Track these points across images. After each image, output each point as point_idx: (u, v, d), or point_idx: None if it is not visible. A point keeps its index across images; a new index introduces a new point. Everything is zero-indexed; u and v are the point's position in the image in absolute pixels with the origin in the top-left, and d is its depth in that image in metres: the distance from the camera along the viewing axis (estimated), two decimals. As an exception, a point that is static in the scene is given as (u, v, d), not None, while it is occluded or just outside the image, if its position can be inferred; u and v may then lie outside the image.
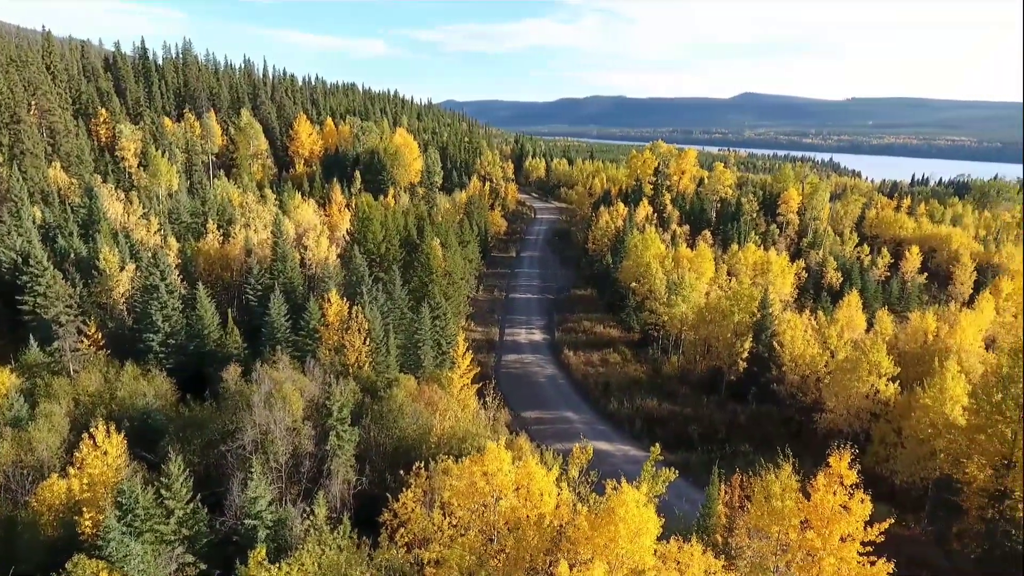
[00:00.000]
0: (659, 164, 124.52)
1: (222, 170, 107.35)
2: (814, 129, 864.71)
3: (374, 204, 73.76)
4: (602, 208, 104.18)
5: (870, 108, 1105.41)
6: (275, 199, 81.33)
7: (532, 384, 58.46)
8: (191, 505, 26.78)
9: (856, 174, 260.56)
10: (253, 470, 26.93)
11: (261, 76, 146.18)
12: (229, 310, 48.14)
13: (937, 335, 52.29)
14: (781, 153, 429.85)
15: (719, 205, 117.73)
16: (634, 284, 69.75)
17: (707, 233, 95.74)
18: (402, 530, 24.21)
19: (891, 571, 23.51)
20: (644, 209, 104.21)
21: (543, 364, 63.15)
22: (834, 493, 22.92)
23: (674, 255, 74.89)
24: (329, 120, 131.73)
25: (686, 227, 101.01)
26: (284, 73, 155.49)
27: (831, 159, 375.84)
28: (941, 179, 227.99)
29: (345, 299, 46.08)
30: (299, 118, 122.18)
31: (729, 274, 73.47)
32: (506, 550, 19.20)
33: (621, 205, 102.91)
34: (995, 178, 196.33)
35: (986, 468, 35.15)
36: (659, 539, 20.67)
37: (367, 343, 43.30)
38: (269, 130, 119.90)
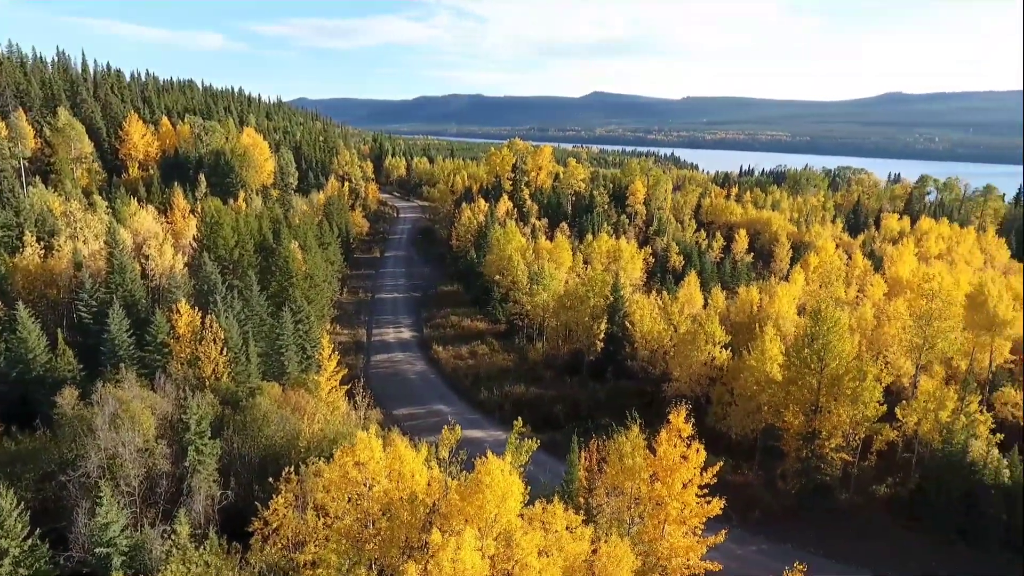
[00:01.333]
0: (517, 161, 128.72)
1: (37, 176, 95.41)
2: (657, 126, 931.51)
3: (223, 208, 69.61)
4: (464, 205, 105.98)
5: (703, 107, 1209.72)
6: (106, 207, 73.97)
7: (403, 382, 58.71)
8: (28, 542, 24.41)
9: (694, 167, 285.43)
10: (101, 496, 25.09)
11: (80, 71, 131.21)
12: (59, 330, 43.62)
13: (761, 306, 59.53)
14: (628, 149, 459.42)
15: (574, 198, 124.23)
16: (498, 277, 72.11)
17: (564, 225, 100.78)
18: (275, 537, 23.89)
19: (723, 506, 27.12)
20: (504, 204, 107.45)
21: (413, 361, 63.54)
22: (674, 446, 25.98)
23: (534, 247, 78.36)
24: (165, 120, 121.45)
25: (544, 220, 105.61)
26: (108, 68, 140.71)
27: (672, 154, 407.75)
28: (763, 170, 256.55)
29: (197, 309, 43.54)
30: (130, 117, 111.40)
31: (585, 262, 78.18)
32: (381, 532, 19.82)
33: (482, 201, 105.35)
34: (805, 168, 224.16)
35: (799, 415, 41.06)
36: (527, 506, 22.34)
37: (224, 353, 41.31)
38: (94, 131, 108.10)
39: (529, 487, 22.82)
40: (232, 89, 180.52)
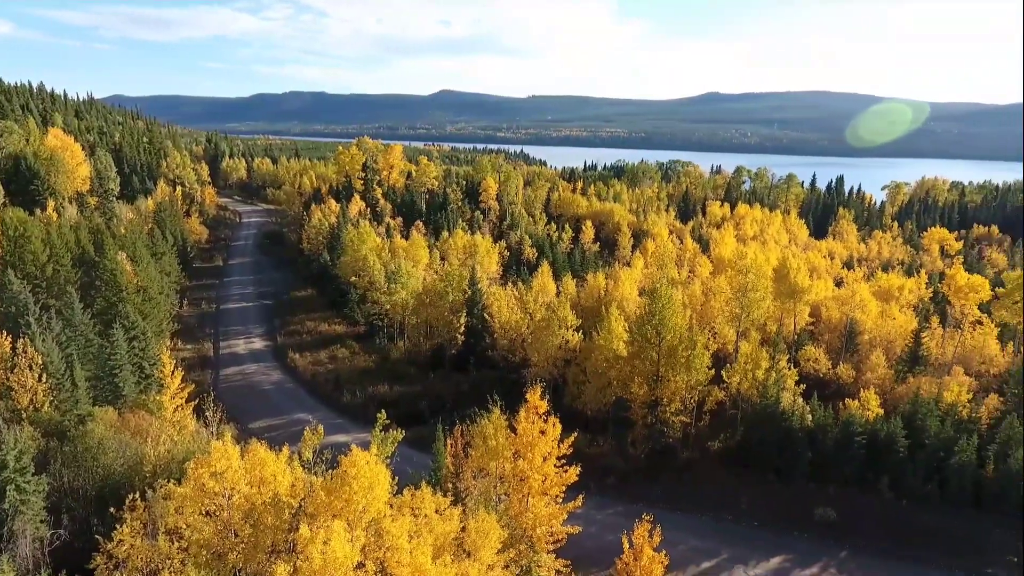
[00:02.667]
0: (367, 160, 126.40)
1: None
2: (505, 124, 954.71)
3: (29, 220, 61.45)
4: (314, 206, 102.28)
5: (548, 105, 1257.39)
6: None
7: (258, 393, 55.94)
8: None
9: (542, 163, 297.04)
10: None
11: None
12: None
13: (607, 290, 64.17)
14: (479, 146, 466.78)
15: (428, 196, 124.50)
16: (354, 278, 70.80)
17: (419, 223, 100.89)
18: (123, 570, 22.21)
19: (581, 475, 29.43)
20: (357, 204, 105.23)
21: (268, 372, 60.69)
22: (533, 422, 27.73)
23: (390, 246, 77.83)
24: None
25: (399, 219, 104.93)
26: None
27: (521, 151, 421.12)
28: (605, 164, 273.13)
29: (5, 334, 38.47)
30: None
31: (442, 259, 79.08)
32: (245, 540, 19.27)
33: (333, 202, 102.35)
34: (642, 162, 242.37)
35: (643, 385, 45.13)
36: (396, 496, 22.80)
37: (44, 380, 36.98)
38: None
39: (397, 479, 23.30)
40: (29, 84, 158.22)
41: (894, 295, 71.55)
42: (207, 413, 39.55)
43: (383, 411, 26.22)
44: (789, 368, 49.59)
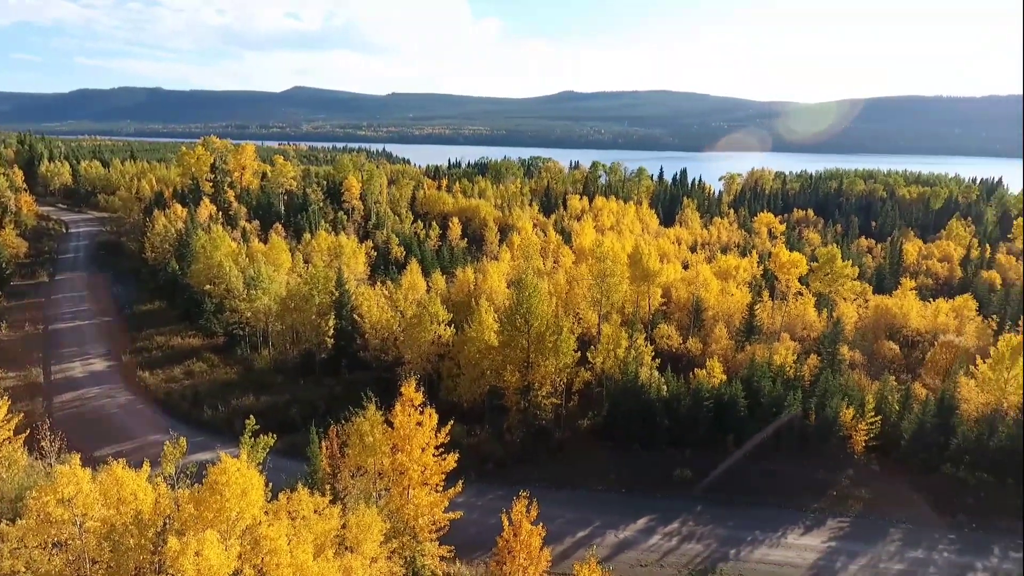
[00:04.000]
0: (216, 161, 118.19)
1: None
2: (366, 122, 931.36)
3: None
4: (157, 212, 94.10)
5: (409, 103, 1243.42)
6: None
7: (103, 418, 50.91)
8: None
9: (406, 161, 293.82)
10: None
11: None
12: None
13: (476, 284, 65.50)
14: (339, 145, 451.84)
15: (286, 198, 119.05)
16: (209, 287, 66.39)
17: (278, 226, 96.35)
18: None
19: (461, 463, 30.27)
20: (207, 208, 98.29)
21: (113, 393, 55.37)
22: (409, 415, 28.09)
23: (248, 251, 73.76)
24: None
25: (256, 222, 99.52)
26: None
27: (384, 149, 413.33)
28: (469, 162, 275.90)
29: None
30: None
31: (306, 261, 76.28)
32: (104, 565, 17.88)
33: (179, 206, 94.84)
34: (504, 159, 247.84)
35: (515, 372, 46.86)
36: (271, 502, 22.17)
37: None
38: None
39: (271, 485, 22.67)
40: None
41: (732, 274, 79.67)
42: (42, 443, 35.59)
43: (251, 417, 25.23)
44: (646, 345, 53.76)
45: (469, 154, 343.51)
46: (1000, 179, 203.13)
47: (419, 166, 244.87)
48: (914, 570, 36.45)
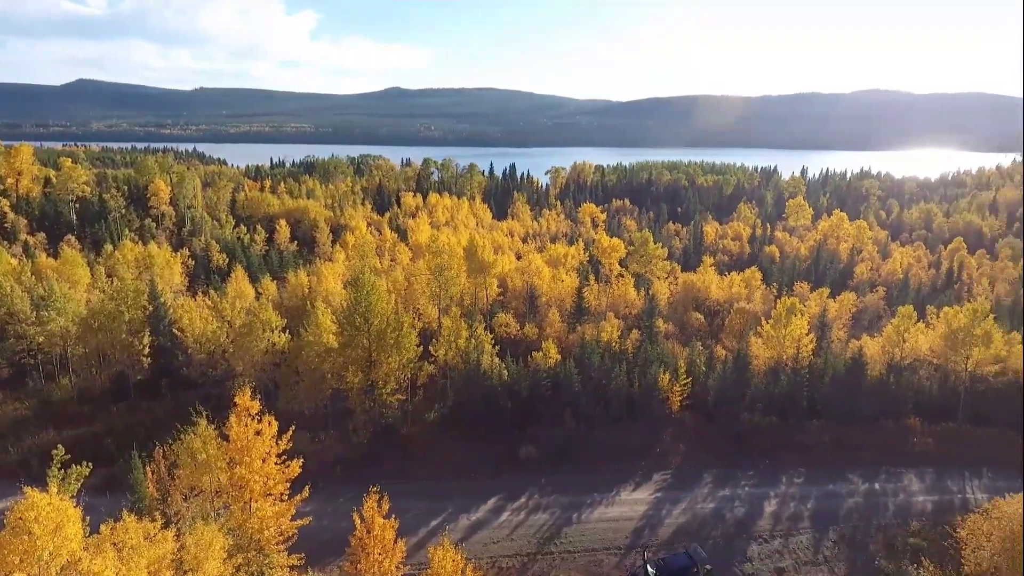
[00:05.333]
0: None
1: None
2: (171, 120, 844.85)
3: None
4: (-97, 228, 78.29)
5: (222, 98, 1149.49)
6: None
7: None
8: None
9: (222, 162, 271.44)
10: None
11: None
12: None
13: (311, 287, 63.23)
14: (140, 145, 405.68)
15: (78, 206, 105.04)
16: (-15, 311, 56.82)
17: (71, 238, 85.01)
18: None
19: (304, 467, 29.53)
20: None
21: None
22: (246, 425, 26.87)
23: (33, 267, 64.40)
24: None
25: (42, 235, 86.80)
26: None
27: (195, 149, 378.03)
28: (293, 161, 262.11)
29: None
30: None
31: (109, 275, 68.17)
32: None
33: (-66, 220, 79.68)
34: (332, 157, 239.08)
35: (358, 373, 46.29)
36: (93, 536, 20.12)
37: None
38: None
39: (88, 519, 20.56)
40: None
41: (562, 261, 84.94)
42: None
43: (59, 447, 22.53)
44: (486, 334, 55.76)
45: (293, 153, 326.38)
46: (775, 167, 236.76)
47: (238, 166, 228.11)
48: (723, 506, 42.16)
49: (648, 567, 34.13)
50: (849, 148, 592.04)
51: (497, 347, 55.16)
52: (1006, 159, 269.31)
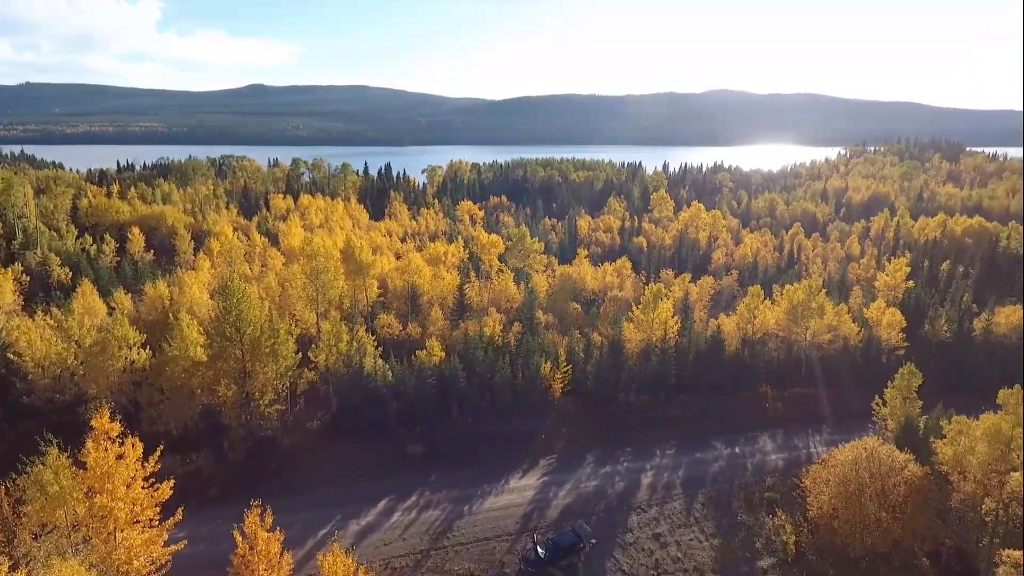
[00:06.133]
0: None
1: None
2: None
3: None
4: None
5: (52, 94, 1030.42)
6: None
7: None
8: None
9: (58, 165, 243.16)
10: None
11: None
12: None
13: (172, 298, 58.75)
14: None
15: None
16: None
17: None
18: None
19: (175, 489, 27.74)
20: None
21: None
22: (106, 449, 24.81)
23: None
24: None
25: None
26: None
27: (22, 151, 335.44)
28: (144, 163, 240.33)
29: None
30: None
31: (-79, 298, 59.27)
32: None
33: None
34: (190, 158, 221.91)
35: (231, 385, 43.93)
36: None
37: None
38: None
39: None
40: None
41: (442, 259, 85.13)
42: None
43: None
44: (368, 336, 54.86)
45: (144, 154, 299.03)
46: (640, 163, 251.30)
47: (78, 170, 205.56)
48: (605, 483, 44.68)
49: (538, 548, 35.55)
50: (703, 144, 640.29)
51: (380, 348, 54.50)
52: (832, 152, 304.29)
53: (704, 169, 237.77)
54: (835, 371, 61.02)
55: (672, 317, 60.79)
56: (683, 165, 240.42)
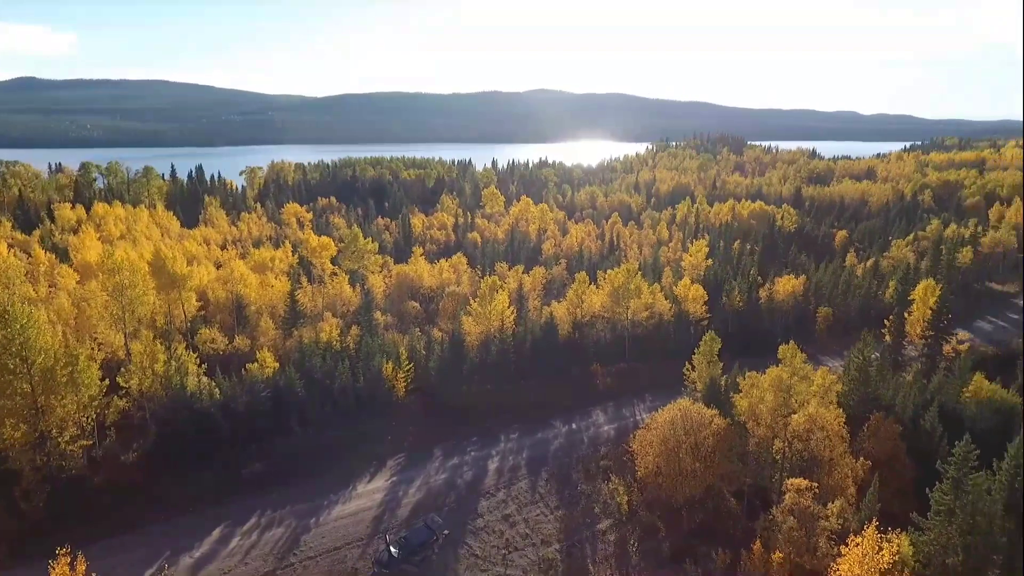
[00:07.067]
0: None
1: None
2: None
3: None
4: None
5: None
6: None
7: None
8: None
9: None
10: None
11: None
12: None
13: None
14: None
15: None
16: None
17: None
18: None
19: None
20: None
21: None
22: None
23: None
24: None
25: None
26: None
27: None
28: None
29: None
30: None
31: None
32: None
33: None
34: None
35: (20, 425, 38.04)
36: None
37: None
38: None
39: None
40: None
41: (269, 266, 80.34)
42: None
43: None
44: (188, 354, 50.35)
45: None
46: (470, 160, 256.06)
47: None
48: (454, 474, 45.54)
49: (391, 548, 35.40)
50: (528, 141, 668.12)
51: (204, 366, 50.35)
52: (642, 147, 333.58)
53: (531, 165, 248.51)
54: (653, 344, 67.55)
55: (508, 308, 63.18)
56: (511, 162, 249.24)
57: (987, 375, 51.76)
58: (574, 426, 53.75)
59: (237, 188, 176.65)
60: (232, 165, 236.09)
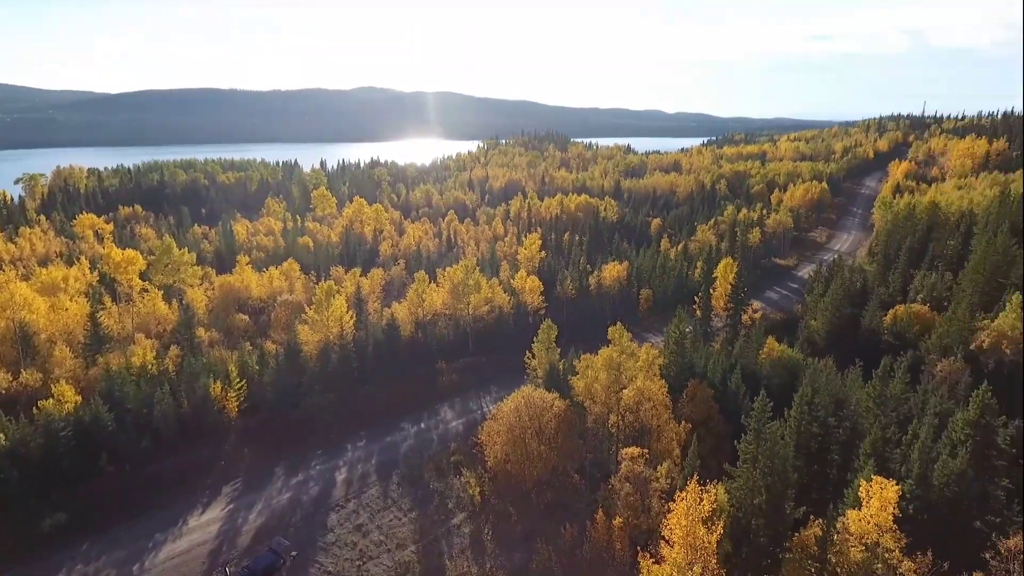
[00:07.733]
0: None
1: None
2: None
3: None
4: None
5: None
6: None
7: None
8: None
9: None
10: None
11: None
12: None
13: None
14: None
15: None
16: None
17: None
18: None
19: None
20: None
21: None
22: None
23: None
24: None
25: None
26: None
27: None
28: None
29: None
30: None
31: None
32: None
33: None
34: None
35: None
36: None
37: None
38: None
39: None
40: None
41: (61, 287, 70.04)
42: None
43: None
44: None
45: None
46: (296, 161, 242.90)
47: None
48: (299, 492, 43.25)
49: (233, 581, 32.83)
50: (357, 140, 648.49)
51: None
52: (473, 145, 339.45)
53: (362, 165, 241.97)
54: (495, 337, 69.33)
55: (347, 312, 61.13)
56: (341, 162, 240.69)
57: (777, 338, 60.19)
58: (423, 426, 53.54)
59: (12, 199, 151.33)
60: (3, 173, 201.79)
